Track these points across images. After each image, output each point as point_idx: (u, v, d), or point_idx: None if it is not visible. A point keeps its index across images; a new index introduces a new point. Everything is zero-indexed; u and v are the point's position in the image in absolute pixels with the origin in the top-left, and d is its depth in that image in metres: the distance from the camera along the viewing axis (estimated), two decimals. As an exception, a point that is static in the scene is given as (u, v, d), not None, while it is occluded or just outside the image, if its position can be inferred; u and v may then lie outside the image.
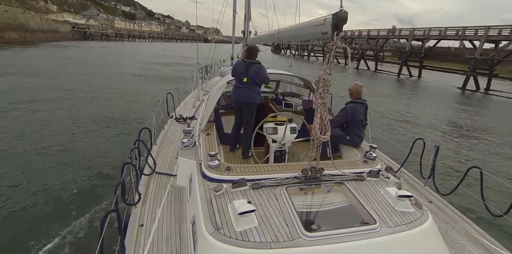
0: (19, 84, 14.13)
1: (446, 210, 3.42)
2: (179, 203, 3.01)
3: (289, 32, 3.59)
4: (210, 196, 2.13)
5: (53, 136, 7.85)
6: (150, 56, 36.50)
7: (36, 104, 10.74)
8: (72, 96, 12.52)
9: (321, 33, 2.29)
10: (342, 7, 1.97)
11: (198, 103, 6.87)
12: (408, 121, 12.98)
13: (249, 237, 1.72)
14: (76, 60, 26.23)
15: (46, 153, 6.77)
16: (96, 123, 9.18)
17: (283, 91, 6.32)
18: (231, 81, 4.45)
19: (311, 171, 2.36)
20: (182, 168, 3.16)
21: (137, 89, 15.11)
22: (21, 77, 15.99)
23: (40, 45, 39.55)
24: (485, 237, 2.95)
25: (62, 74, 17.91)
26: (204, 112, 4.08)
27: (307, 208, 2.09)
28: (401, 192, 2.15)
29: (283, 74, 5.22)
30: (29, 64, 21.08)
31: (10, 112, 9.57)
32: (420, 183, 4.01)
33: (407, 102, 18.14)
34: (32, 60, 23.26)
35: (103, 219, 2.01)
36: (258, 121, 3.60)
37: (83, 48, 41.45)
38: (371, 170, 2.59)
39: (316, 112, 2.27)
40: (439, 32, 29.15)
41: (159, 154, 4.39)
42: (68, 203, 4.84)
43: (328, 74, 2.14)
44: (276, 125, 3.59)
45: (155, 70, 24.05)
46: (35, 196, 5.02)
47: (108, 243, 2.23)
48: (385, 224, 1.91)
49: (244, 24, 8.47)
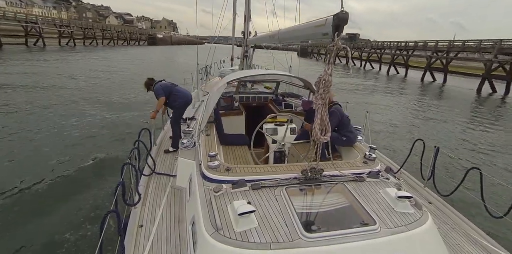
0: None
1: (446, 211, 3.42)
2: (179, 203, 3.01)
3: (290, 33, 3.59)
4: (210, 196, 2.12)
5: (52, 136, 7.87)
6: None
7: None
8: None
9: (321, 34, 2.29)
10: (343, 8, 1.97)
11: (198, 103, 6.88)
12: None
13: (249, 238, 1.72)
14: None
15: (45, 152, 6.77)
16: (95, 124, 9.18)
17: (283, 92, 6.33)
18: (231, 82, 4.45)
19: (311, 171, 2.36)
20: (182, 168, 3.16)
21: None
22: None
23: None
24: (484, 238, 2.95)
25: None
26: (204, 113, 4.08)
27: (307, 208, 2.09)
28: (400, 193, 2.15)
29: (283, 75, 5.23)
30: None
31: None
32: (420, 184, 4.01)
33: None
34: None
35: (103, 220, 2.00)
36: (258, 122, 3.60)
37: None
38: (370, 170, 2.59)
39: (316, 113, 2.27)
40: (462, 44, 29.40)
41: (158, 155, 4.39)
42: (67, 203, 4.83)
43: (329, 75, 2.14)
44: (276, 126, 3.59)
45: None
46: (34, 196, 5.01)
47: (108, 244, 2.23)
48: (385, 225, 1.91)
49: (244, 25, 8.48)
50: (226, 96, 5.36)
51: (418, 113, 14.73)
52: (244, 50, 8.60)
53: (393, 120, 12.79)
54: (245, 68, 8.70)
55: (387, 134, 10.49)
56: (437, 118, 13.88)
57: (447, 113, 15.24)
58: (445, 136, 10.84)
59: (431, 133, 11.15)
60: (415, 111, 15.29)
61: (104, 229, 2.02)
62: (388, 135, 10.47)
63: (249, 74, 5.12)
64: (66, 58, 28.20)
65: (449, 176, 6.34)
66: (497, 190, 5.98)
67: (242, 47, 8.70)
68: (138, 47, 59.59)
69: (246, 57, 8.65)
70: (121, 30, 68.28)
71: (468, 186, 3.81)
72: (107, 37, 59.41)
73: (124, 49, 52.50)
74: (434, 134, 11.02)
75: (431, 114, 14.79)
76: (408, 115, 14.24)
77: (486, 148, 9.73)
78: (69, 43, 47.09)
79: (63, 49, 40.32)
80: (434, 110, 15.81)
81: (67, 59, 27.45)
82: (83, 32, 52.60)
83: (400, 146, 8.93)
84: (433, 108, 16.30)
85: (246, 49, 8.55)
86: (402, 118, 13.49)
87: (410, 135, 10.63)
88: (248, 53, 8.62)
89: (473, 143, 10.23)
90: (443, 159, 7.12)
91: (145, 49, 54.32)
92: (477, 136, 11.18)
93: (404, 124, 12.35)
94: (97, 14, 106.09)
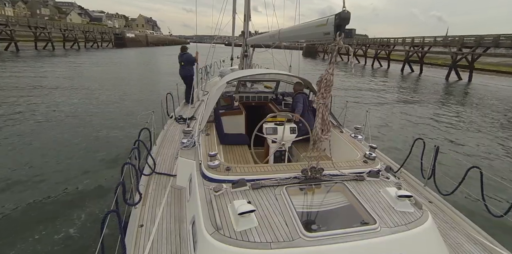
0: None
1: (446, 210, 3.42)
2: (179, 203, 3.01)
3: (290, 32, 3.58)
4: (210, 196, 2.12)
5: (51, 136, 7.87)
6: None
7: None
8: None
9: (323, 33, 2.28)
10: (344, 8, 1.97)
11: (198, 103, 6.88)
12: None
13: (249, 237, 1.72)
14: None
15: (45, 153, 6.77)
16: (94, 124, 9.17)
17: (283, 91, 6.32)
18: (231, 81, 4.44)
19: (311, 171, 2.36)
20: (182, 168, 3.16)
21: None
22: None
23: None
24: (485, 237, 2.95)
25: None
26: (204, 113, 4.08)
27: (307, 208, 2.09)
28: (401, 192, 2.15)
29: (283, 74, 5.23)
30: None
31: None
32: (420, 183, 4.01)
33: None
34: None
35: (103, 219, 2.00)
36: (258, 121, 3.60)
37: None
38: (371, 170, 2.59)
39: (317, 112, 2.27)
40: (493, 39, 27.51)
41: (159, 154, 4.39)
42: (67, 203, 4.84)
43: (331, 74, 2.14)
44: (276, 126, 3.59)
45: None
46: (34, 196, 5.01)
47: (108, 243, 2.22)
48: (385, 224, 1.91)
49: (244, 25, 8.48)
50: (226, 96, 5.36)
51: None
52: (244, 49, 8.60)
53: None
54: (245, 67, 8.70)
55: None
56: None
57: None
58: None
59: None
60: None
61: (104, 228, 2.02)
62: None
63: (249, 73, 5.11)
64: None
65: (449, 175, 6.34)
66: (497, 188, 5.98)
67: (242, 46, 8.70)
68: (97, 51, 44.62)
69: (246, 56, 8.66)
70: (68, 28, 47.45)
71: (468, 185, 3.81)
72: (69, 39, 46.22)
73: (75, 55, 35.77)
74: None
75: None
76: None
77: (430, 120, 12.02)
78: (8, 48, 33.79)
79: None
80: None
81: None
82: (33, 33, 39.52)
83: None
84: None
85: (245, 49, 8.56)
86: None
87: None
88: (247, 53, 8.63)
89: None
90: (443, 159, 7.12)
91: (111, 54, 40.18)
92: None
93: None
94: (57, 11, 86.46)
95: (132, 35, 69.91)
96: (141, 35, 76.48)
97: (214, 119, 3.88)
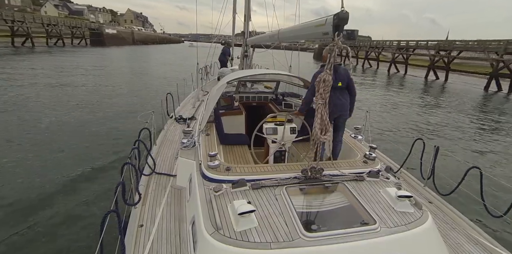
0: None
1: (446, 210, 3.42)
2: (179, 203, 3.01)
3: (290, 32, 3.59)
4: (210, 196, 2.13)
5: (50, 136, 7.86)
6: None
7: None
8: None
9: (322, 33, 2.29)
10: (343, 8, 1.97)
11: (198, 103, 6.88)
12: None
13: (249, 238, 1.72)
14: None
15: (45, 153, 6.77)
16: (93, 124, 9.18)
17: (283, 91, 6.33)
18: (230, 82, 4.44)
19: (311, 171, 2.36)
20: (182, 168, 3.16)
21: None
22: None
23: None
24: (484, 237, 2.95)
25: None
26: (204, 113, 4.08)
27: (307, 208, 2.10)
28: (400, 192, 2.15)
29: (283, 74, 5.23)
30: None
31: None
32: (420, 183, 4.01)
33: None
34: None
35: (103, 219, 2.00)
36: (258, 122, 3.60)
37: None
38: (370, 170, 2.59)
39: (316, 113, 2.28)
40: (464, 44, 29.91)
41: (159, 154, 4.39)
42: (67, 203, 4.83)
43: (329, 74, 2.14)
44: (276, 126, 3.59)
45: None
46: (34, 195, 5.01)
47: (108, 243, 2.22)
48: (385, 224, 1.91)
49: (244, 24, 8.49)
50: (226, 96, 5.36)
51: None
52: (244, 50, 8.61)
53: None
54: (245, 68, 8.71)
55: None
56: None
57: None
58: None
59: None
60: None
61: (104, 228, 2.02)
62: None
63: (249, 74, 5.12)
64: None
65: (449, 175, 6.34)
66: (497, 189, 5.98)
67: (242, 47, 8.71)
68: (64, 52, 34.55)
69: (246, 57, 8.67)
70: (16, 19, 36.06)
71: (468, 185, 3.82)
72: (20, 34, 37.23)
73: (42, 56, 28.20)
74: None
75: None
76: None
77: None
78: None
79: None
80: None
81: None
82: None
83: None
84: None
85: (246, 49, 8.57)
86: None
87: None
88: (248, 53, 8.64)
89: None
90: (443, 159, 7.12)
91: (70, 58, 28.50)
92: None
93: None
94: (31, 2, 73.17)
95: (114, 31, 57.54)
96: (126, 32, 64.40)
97: (214, 119, 3.88)
